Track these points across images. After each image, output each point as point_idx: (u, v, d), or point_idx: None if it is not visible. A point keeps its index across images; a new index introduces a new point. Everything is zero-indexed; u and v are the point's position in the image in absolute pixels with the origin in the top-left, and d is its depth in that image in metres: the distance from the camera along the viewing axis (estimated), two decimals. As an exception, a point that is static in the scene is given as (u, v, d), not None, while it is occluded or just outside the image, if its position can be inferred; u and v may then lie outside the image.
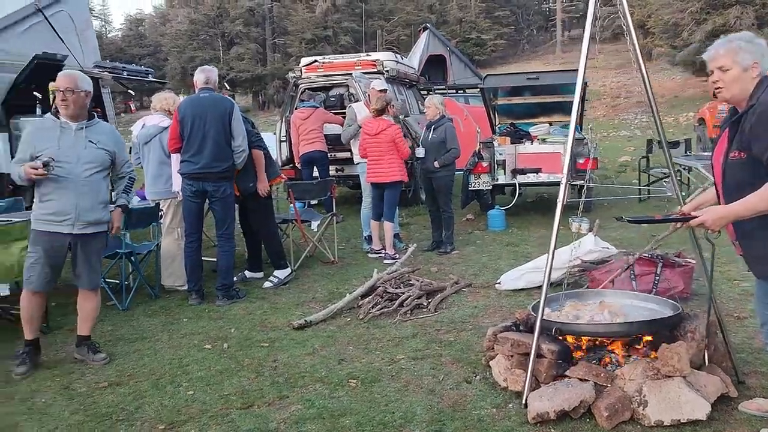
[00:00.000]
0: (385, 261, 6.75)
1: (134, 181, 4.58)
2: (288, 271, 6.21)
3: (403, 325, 4.84)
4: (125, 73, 9.96)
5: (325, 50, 42.66)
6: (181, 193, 5.67)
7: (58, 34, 8.94)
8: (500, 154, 8.69)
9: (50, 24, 8.86)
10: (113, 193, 4.46)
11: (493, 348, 3.84)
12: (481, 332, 4.50)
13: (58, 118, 4.09)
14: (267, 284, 6.09)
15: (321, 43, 49.74)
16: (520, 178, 8.60)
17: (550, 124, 9.62)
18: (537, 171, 8.52)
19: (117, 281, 5.72)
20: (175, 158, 5.79)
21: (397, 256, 6.85)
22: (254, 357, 4.30)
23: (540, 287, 5.37)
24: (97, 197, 4.14)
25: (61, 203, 3.98)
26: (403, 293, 5.30)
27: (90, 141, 4.10)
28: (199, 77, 5.65)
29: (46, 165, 3.85)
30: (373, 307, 5.12)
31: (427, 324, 4.84)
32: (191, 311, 5.39)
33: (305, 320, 4.88)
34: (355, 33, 53.88)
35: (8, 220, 5.18)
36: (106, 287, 5.44)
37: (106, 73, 9.39)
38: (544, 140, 8.99)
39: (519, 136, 9.33)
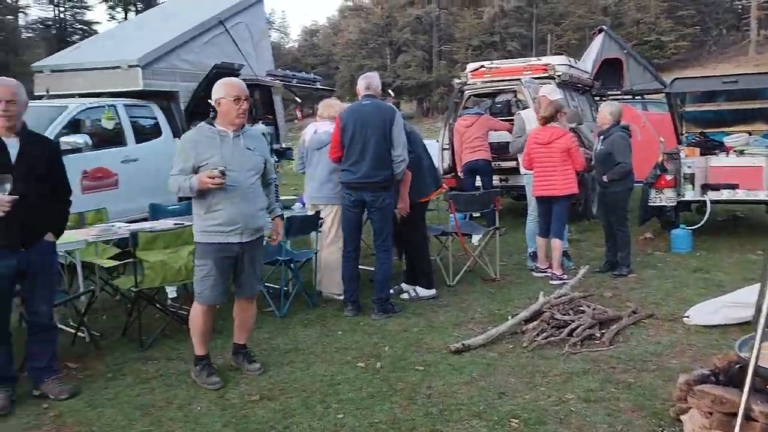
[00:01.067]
0: (552, 282, 6.21)
1: (278, 188, 4.52)
2: (432, 292, 5.91)
3: (573, 358, 4.32)
4: (295, 81, 10.26)
5: (492, 56, 42.03)
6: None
7: (236, 44, 9.38)
8: (688, 167, 7.74)
9: (230, 35, 9.32)
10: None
11: (685, 399, 3.23)
12: (666, 375, 3.88)
13: (214, 126, 4.00)
14: (404, 296, 5.90)
15: (487, 49, 49.23)
16: (712, 195, 7.59)
17: (750, 133, 8.44)
18: (733, 187, 7.47)
19: (276, 286, 5.74)
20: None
21: (565, 276, 6.28)
22: (408, 381, 4.02)
23: (740, 324, 4.64)
24: (259, 204, 4.09)
25: (230, 213, 3.90)
26: (573, 321, 4.77)
27: (248, 148, 4.04)
28: (360, 84, 5.52)
29: (223, 174, 3.78)
30: (538, 335, 4.65)
31: (601, 359, 4.28)
32: (347, 323, 5.25)
33: (463, 344, 4.52)
34: (523, 38, 52.68)
35: (180, 224, 5.37)
36: (265, 292, 5.47)
37: (277, 81, 9.72)
38: (741, 152, 7.89)
39: (711, 146, 8.29)
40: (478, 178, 8.80)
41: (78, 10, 51.87)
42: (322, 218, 5.81)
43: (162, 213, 6.34)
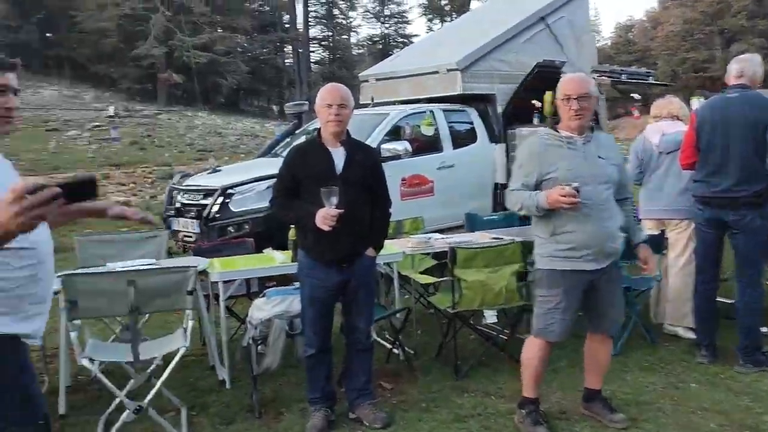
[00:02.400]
0: None
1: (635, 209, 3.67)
2: None
3: None
4: (624, 77, 9.17)
5: None
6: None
7: (558, 41, 8.68)
8: None
9: (551, 31, 8.65)
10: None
11: None
12: None
13: (557, 131, 3.37)
14: None
15: None
16: None
17: None
18: None
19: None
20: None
21: None
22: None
23: None
24: (615, 222, 3.33)
25: (581, 235, 3.23)
26: None
27: (599, 156, 3.31)
28: (731, 69, 4.32)
29: (577, 192, 3.10)
30: None
31: None
32: (700, 373, 4.18)
33: None
34: None
35: (499, 238, 4.87)
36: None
37: (604, 77, 8.75)
38: None
39: None
40: None
41: (400, 25, 56.28)
42: (666, 237, 4.79)
43: (479, 224, 5.93)
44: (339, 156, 3.49)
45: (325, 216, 3.28)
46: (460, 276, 4.20)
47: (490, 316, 4.31)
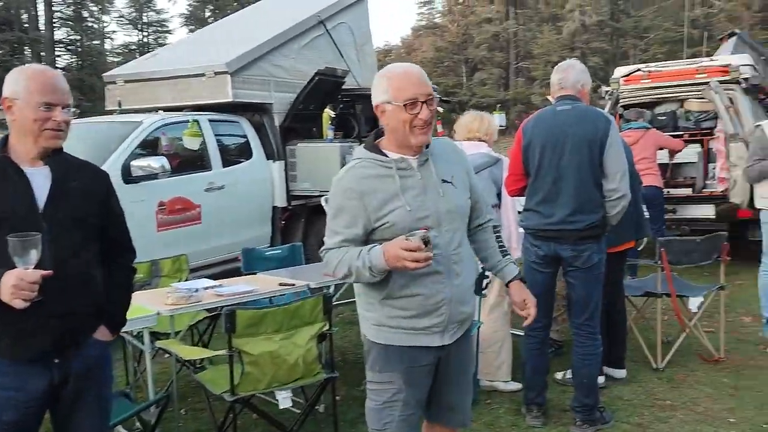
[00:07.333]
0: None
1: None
2: (623, 373, 4.25)
3: None
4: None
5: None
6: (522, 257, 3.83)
7: (338, 49, 7.86)
8: None
9: (331, 37, 7.81)
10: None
11: None
12: None
13: (383, 154, 2.25)
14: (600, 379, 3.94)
15: (568, 65, 46.82)
16: None
17: None
18: None
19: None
20: (511, 204, 4.03)
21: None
22: None
23: None
24: (470, 276, 2.37)
25: (428, 299, 2.21)
26: None
27: (444, 180, 2.30)
28: (553, 80, 3.69)
29: (427, 244, 2.04)
30: None
31: None
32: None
33: None
34: (604, 53, 49.91)
35: (289, 285, 3.75)
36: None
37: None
38: None
39: None
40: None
41: (160, 35, 52.51)
42: (487, 276, 4.05)
43: (259, 261, 4.71)
44: (40, 182, 2.09)
45: (18, 283, 1.87)
46: (243, 348, 2.98)
47: (284, 400, 3.13)
